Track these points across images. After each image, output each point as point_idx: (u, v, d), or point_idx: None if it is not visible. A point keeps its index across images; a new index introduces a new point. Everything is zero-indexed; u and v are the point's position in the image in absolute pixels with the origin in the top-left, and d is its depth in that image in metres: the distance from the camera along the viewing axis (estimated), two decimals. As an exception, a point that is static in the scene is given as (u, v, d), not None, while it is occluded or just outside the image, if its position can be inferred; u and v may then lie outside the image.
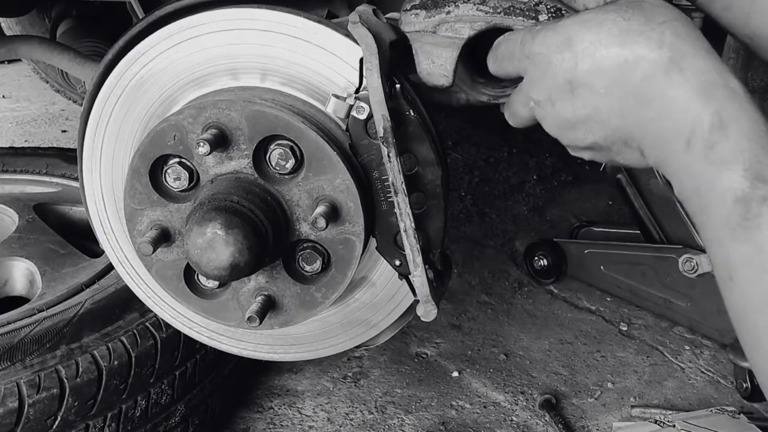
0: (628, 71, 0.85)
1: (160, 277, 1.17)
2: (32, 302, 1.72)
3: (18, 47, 1.98)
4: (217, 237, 1.03)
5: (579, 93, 0.89)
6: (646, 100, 0.85)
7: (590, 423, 2.07)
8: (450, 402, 2.14)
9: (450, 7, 1.01)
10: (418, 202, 1.10)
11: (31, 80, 4.78)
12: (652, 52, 0.84)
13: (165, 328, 1.63)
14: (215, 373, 1.81)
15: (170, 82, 1.17)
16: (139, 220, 1.14)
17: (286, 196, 1.10)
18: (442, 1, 1.02)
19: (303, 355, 1.34)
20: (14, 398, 1.41)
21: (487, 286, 2.72)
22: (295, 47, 1.11)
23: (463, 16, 1.01)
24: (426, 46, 1.03)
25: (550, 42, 0.90)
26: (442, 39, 1.02)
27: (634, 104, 0.86)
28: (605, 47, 0.86)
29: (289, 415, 2.07)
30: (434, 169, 1.09)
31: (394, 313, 1.26)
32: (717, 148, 0.81)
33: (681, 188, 0.86)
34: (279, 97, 1.12)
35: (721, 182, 0.81)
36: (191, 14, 1.13)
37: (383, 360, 2.30)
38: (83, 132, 1.23)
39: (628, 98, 0.86)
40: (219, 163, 1.09)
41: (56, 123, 4.39)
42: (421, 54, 1.04)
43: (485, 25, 1.01)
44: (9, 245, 1.96)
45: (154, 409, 1.63)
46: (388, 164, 1.03)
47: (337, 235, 1.10)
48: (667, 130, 0.84)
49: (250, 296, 1.15)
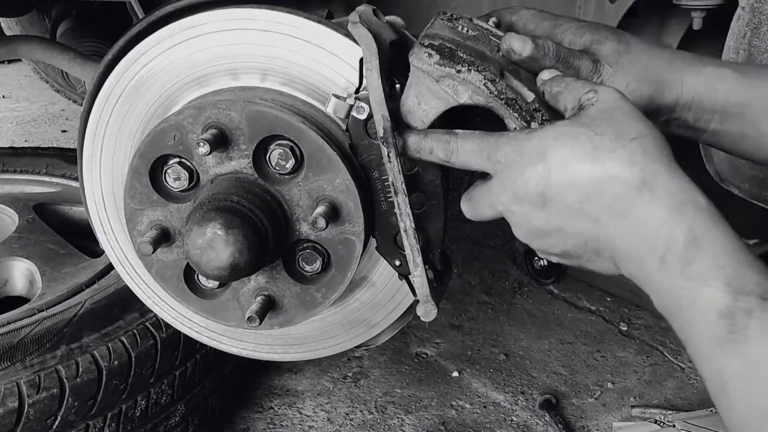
0: (600, 188, 0.87)
1: (160, 277, 1.17)
2: (32, 302, 1.72)
3: (18, 47, 1.98)
4: (217, 237, 1.03)
5: (551, 205, 0.91)
6: (618, 217, 0.87)
7: (590, 423, 2.07)
8: (450, 402, 2.14)
9: (463, 68, 1.00)
10: (418, 202, 1.10)
11: (31, 80, 4.79)
12: (625, 171, 0.86)
13: (165, 328, 1.63)
14: (215, 373, 1.81)
15: (170, 82, 1.16)
16: (139, 220, 1.14)
17: (286, 196, 1.10)
18: (459, 59, 1.01)
19: (303, 355, 1.34)
20: (14, 398, 1.41)
21: (487, 286, 2.72)
22: (295, 47, 1.11)
23: (469, 84, 1.00)
24: (421, 87, 1.02)
25: (526, 151, 0.91)
26: (439, 90, 1.02)
27: (607, 220, 0.88)
28: (578, 162, 0.88)
29: (289, 415, 2.07)
30: (434, 169, 1.09)
31: (394, 313, 1.26)
32: (694, 264, 0.82)
33: (661, 303, 0.87)
34: (279, 97, 1.12)
35: (703, 298, 0.81)
36: (191, 14, 1.13)
37: (383, 360, 2.30)
38: (83, 132, 1.23)
39: (600, 214, 0.88)
40: (219, 163, 1.09)
41: (56, 123, 4.40)
42: (413, 92, 1.03)
43: (483, 102, 1.01)
44: (9, 245, 1.96)
45: (154, 409, 1.63)
46: (388, 164, 1.03)
47: (337, 235, 1.10)
48: (641, 248, 0.86)
49: (250, 296, 1.15)
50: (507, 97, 1.01)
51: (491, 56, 1.03)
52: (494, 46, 1.05)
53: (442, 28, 1.06)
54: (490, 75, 1.01)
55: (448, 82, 1.01)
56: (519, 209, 0.94)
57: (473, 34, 1.06)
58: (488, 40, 1.06)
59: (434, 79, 1.01)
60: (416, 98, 1.03)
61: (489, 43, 1.05)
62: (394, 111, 1.02)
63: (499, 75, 1.01)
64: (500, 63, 1.03)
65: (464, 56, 1.01)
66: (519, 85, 1.02)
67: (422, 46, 1.02)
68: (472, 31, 1.06)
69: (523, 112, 1.01)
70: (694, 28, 1.47)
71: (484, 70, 1.01)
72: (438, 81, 1.01)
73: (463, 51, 1.01)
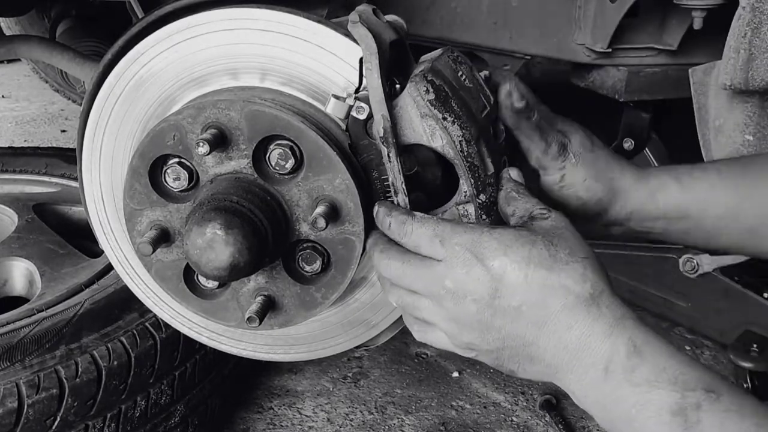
0: (550, 296, 0.92)
1: (160, 277, 1.17)
2: (32, 302, 1.72)
3: (18, 47, 1.98)
4: (217, 237, 1.03)
5: (499, 303, 0.93)
6: (564, 327, 0.91)
7: (591, 423, 2.07)
8: (450, 402, 2.13)
9: (449, 117, 1.02)
10: (418, 202, 1.10)
11: (30, 80, 4.79)
12: (577, 285, 0.92)
13: (164, 328, 1.63)
14: (215, 374, 1.81)
15: (170, 82, 1.16)
16: (138, 220, 1.14)
17: (286, 196, 1.09)
18: (449, 108, 1.02)
19: (303, 355, 1.34)
20: (14, 398, 1.41)
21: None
22: (295, 47, 1.11)
23: (447, 135, 1.02)
24: (404, 113, 1.03)
25: (484, 244, 0.94)
26: (419, 125, 1.02)
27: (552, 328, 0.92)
28: (535, 267, 0.92)
29: (289, 416, 2.07)
30: (434, 169, 1.09)
31: (394, 313, 1.26)
32: (637, 371, 0.87)
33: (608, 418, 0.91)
34: (279, 97, 1.12)
35: (652, 400, 0.86)
36: (191, 14, 1.13)
37: (383, 360, 2.30)
38: (83, 132, 1.23)
39: (546, 320, 0.92)
40: (218, 163, 1.09)
41: (55, 123, 4.40)
42: (395, 112, 1.04)
43: (451, 156, 1.02)
44: (8, 245, 1.96)
45: (153, 409, 1.63)
46: (388, 164, 1.03)
47: (337, 235, 1.10)
48: (583, 359, 0.91)
49: (249, 296, 1.15)
50: (472, 162, 1.03)
51: (476, 116, 1.06)
52: (480, 106, 1.08)
53: (446, 67, 1.07)
54: (468, 135, 1.03)
55: (431, 123, 1.02)
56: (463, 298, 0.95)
57: (469, 85, 1.08)
58: (478, 97, 1.09)
59: (419, 114, 1.03)
60: (400, 123, 1.04)
61: (477, 101, 1.08)
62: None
63: (476, 138, 1.04)
64: (480, 126, 1.06)
65: (455, 107, 1.03)
66: (486, 155, 1.05)
67: (424, 79, 1.03)
68: (469, 82, 1.09)
69: (478, 182, 1.04)
70: (694, 27, 1.47)
71: (465, 128, 1.03)
72: (422, 117, 1.03)
73: (455, 101, 1.04)
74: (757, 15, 1.25)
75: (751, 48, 1.27)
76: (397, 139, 1.03)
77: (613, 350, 0.89)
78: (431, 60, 1.07)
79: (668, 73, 1.67)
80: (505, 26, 1.72)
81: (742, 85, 1.28)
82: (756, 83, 1.27)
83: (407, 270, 0.99)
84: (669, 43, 1.61)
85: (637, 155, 1.99)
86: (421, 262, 0.99)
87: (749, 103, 1.36)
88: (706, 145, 1.47)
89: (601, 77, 1.73)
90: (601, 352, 0.89)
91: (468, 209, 1.05)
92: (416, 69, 1.06)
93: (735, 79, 1.28)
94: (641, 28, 1.62)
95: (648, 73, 1.67)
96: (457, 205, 1.06)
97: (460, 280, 0.95)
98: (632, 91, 1.68)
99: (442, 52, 1.10)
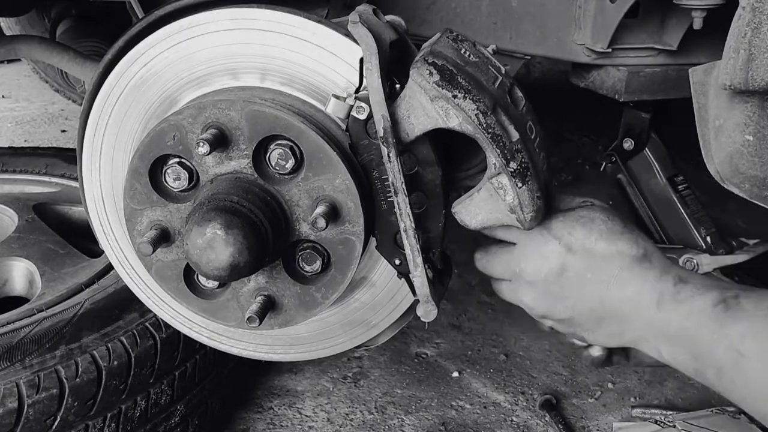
0: (610, 263, 1.09)
1: (160, 277, 1.17)
2: (32, 302, 1.72)
3: (18, 47, 1.98)
4: (217, 237, 1.03)
5: (567, 275, 1.10)
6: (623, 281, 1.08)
7: (590, 423, 2.07)
8: (450, 402, 2.13)
9: (459, 94, 1.00)
10: (418, 202, 1.10)
11: (30, 80, 4.78)
12: (632, 249, 1.10)
13: (165, 328, 1.63)
14: (215, 374, 1.81)
15: (170, 82, 1.16)
16: (138, 220, 1.14)
17: (286, 196, 1.09)
18: (457, 84, 1.01)
19: (303, 355, 1.34)
20: (14, 398, 1.40)
21: (487, 286, 2.71)
22: (295, 47, 1.11)
23: (462, 111, 1.01)
24: (414, 102, 1.02)
25: (551, 226, 1.11)
26: (431, 109, 1.02)
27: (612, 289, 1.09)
28: (596, 240, 1.10)
29: (289, 416, 2.07)
30: (434, 169, 1.09)
31: (394, 313, 1.26)
32: (683, 292, 1.05)
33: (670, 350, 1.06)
34: (279, 97, 1.12)
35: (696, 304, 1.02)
36: (191, 14, 1.13)
37: (383, 360, 2.30)
38: (83, 132, 1.23)
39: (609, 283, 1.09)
40: (219, 163, 1.09)
41: (56, 123, 4.40)
42: (405, 103, 1.02)
43: (471, 131, 1.01)
44: (8, 245, 1.96)
45: (153, 409, 1.63)
46: (388, 164, 1.03)
47: (337, 235, 1.10)
48: (641, 304, 1.07)
49: (249, 296, 1.15)
50: (494, 132, 1.02)
51: (487, 87, 1.04)
52: (491, 77, 1.06)
53: (447, 47, 1.06)
54: (483, 107, 1.01)
55: (442, 104, 1.01)
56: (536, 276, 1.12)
57: (474, 60, 1.06)
58: (486, 69, 1.07)
59: (429, 98, 1.01)
60: (407, 110, 1.03)
61: (487, 73, 1.06)
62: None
63: (491, 109, 1.02)
64: (494, 96, 1.04)
65: (463, 82, 1.01)
66: (507, 122, 1.03)
67: (425, 62, 1.02)
68: (473, 56, 1.07)
69: (505, 150, 1.02)
70: (694, 27, 1.46)
71: (478, 100, 1.01)
72: (432, 100, 1.01)
73: (462, 77, 1.02)
74: (757, 15, 1.25)
75: (751, 48, 1.26)
76: (397, 139, 1.03)
77: (663, 287, 1.06)
78: (430, 44, 1.06)
79: (668, 73, 1.67)
80: (505, 26, 1.72)
81: (742, 85, 1.28)
82: (756, 83, 1.27)
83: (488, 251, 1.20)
84: (669, 43, 1.61)
85: (637, 155, 1.99)
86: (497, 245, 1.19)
87: (749, 103, 1.36)
88: (706, 145, 1.47)
89: (601, 77, 1.73)
90: (653, 290, 1.06)
91: (502, 181, 1.05)
92: (417, 56, 1.05)
93: (735, 79, 1.28)
94: (641, 28, 1.62)
95: (648, 73, 1.67)
96: (490, 180, 1.05)
97: (532, 259, 1.12)
98: (632, 91, 1.68)
99: (440, 35, 1.09)
